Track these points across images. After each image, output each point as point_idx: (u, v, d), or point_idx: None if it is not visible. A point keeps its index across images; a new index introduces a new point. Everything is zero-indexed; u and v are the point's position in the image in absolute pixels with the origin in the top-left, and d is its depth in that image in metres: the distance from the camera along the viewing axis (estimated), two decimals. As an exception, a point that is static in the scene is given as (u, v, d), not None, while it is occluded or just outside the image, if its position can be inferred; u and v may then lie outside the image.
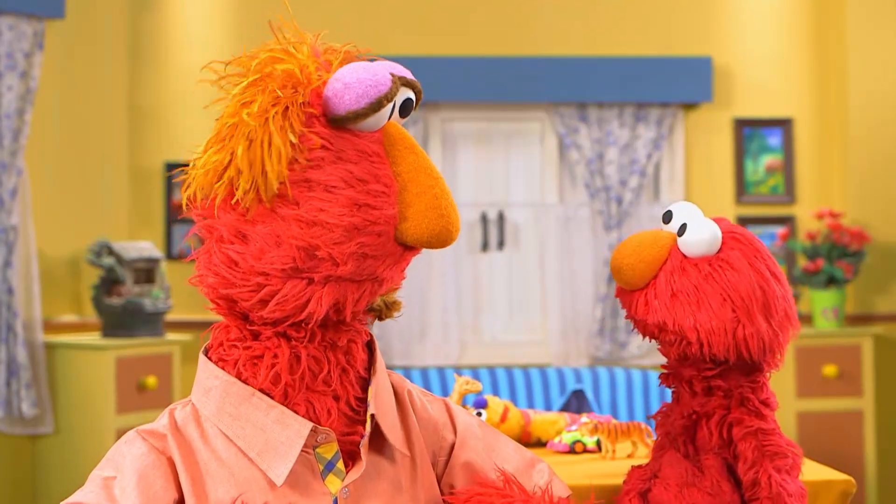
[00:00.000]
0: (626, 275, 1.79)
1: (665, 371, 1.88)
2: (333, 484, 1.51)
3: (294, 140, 1.41)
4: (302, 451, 1.49)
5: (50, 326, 5.36)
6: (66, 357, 5.09)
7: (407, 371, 5.08)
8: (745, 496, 1.76)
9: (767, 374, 1.85)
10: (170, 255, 5.59)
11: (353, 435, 1.54)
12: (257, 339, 1.51)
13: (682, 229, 1.78)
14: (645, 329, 1.82)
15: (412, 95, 1.50)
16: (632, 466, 1.91)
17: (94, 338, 5.20)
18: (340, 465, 1.52)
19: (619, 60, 5.78)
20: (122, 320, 5.10)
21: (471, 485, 1.62)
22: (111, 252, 5.15)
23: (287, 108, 1.42)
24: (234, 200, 1.44)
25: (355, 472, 1.52)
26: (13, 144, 5.06)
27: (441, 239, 1.45)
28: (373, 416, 1.54)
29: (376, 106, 1.43)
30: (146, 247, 5.27)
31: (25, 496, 5.15)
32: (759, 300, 1.74)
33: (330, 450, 1.52)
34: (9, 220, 5.04)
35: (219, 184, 1.44)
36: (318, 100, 1.45)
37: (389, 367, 5.46)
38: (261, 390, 1.50)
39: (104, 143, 5.64)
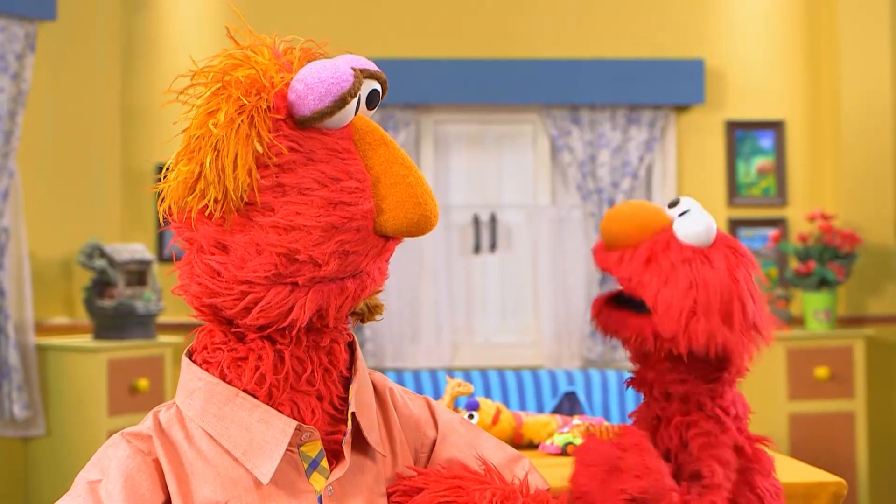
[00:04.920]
0: (614, 232, 1.80)
1: (632, 376, 1.88)
2: (318, 482, 1.52)
3: (261, 149, 1.41)
4: (287, 449, 1.50)
5: (42, 328, 5.35)
6: (58, 359, 5.09)
7: (399, 373, 5.08)
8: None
9: (734, 381, 1.83)
10: (162, 257, 5.58)
11: (336, 434, 1.55)
12: (242, 342, 1.51)
13: (684, 213, 1.79)
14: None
15: (377, 86, 1.50)
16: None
17: (85, 340, 5.20)
18: (325, 463, 1.53)
19: (611, 63, 5.78)
20: (114, 322, 5.10)
21: (451, 468, 1.62)
22: (103, 254, 5.14)
23: (253, 116, 1.42)
24: (207, 212, 1.44)
25: (339, 471, 1.53)
26: (5, 146, 5.06)
27: (420, 227, 1.45)
28: (353, 414, 1.55)
29: (340, 103, 1.43)
30: (138, 249, 5.26)
31: (17, 498, 5.14)
32: (724, 303, 1.73)
33: (314, 448, 1.53)
34: (0, 221, 5.03)
35: (191, 196, 1.44)
36: (283, 103, 1.45)
37: (382, 369, 5.44)
38: (245, 391, 1.50)
39: (96, 144, 5.63)
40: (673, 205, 1.84)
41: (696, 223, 1.77)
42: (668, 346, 1.74)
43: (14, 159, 5.09)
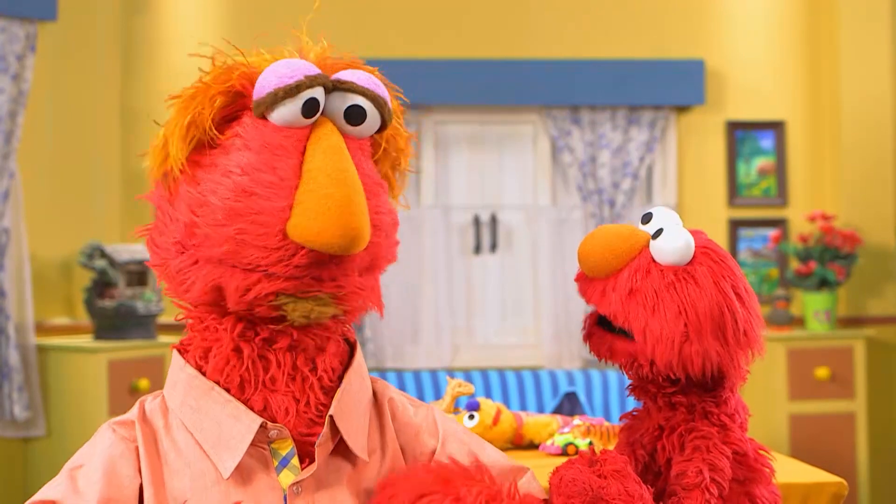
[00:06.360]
0: (591, 261, 1.78)
1: (632, 384, 1.87)
2: (287, 479, 1.53)
3: (187, 121, 1.47)
4: (257, 446, 1.51)
5: (42, 329, 5.35)
6: (59, 359, 5.09)
7: (399, 373, 5.08)
8: (669, 486, 1.75)
9: (736, 387, 1.83)
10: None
11: (313, 436, 1.55)
12: (207, 330, 1.54)
13: (658, 233, 1.77)
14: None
15: (360, 102, 1.50)
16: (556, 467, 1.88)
17: (86, 340, 5.20)
18: (295, 461, 1.53)
19: (612, 63, 5.78)
20: (115, 323, 5.10)
21: (440, 463, 1.61)
22: (103, 254, 5.15)
23: (206, 92, 1.47)
24: (154, 177, 1.54)
25: (307, 471, 1.52)
26: (5, 147, 5.06)
27: (322, 237, 1.40)
28: (331, 417, 1.54)
29: (272, 96, 1.44)
30: (138, 249, 5.26)
31: (17, 499, 5.14)
32: (716, 321, 1.71)
33: (285, 446, 1.53)
34: (1, 222, 5.03)
35: (153, 162, 1.53)
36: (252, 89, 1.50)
37: (382, 370, 5.39)
38: (218, 384, 1.52)
39: (97, 145, 5.63)
40: (646, 220, 1.82)
41: (673, 243, 1.74)
42: (664, 371, 1.73)
43: (14, 160, 5.09)
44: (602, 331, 1.81)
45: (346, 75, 1.50)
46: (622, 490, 1.64)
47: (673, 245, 1.74)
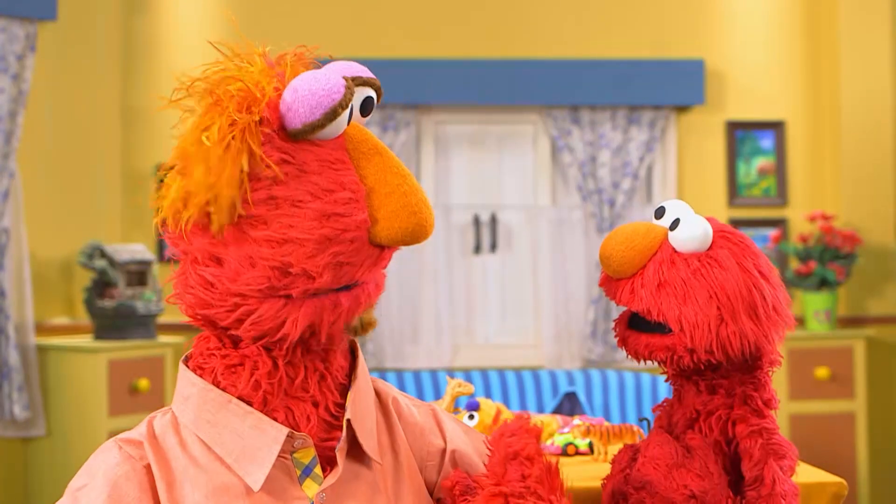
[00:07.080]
0: (615, 262, 1.80)
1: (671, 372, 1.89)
2: (311, 488, 1.51)
3: (246, 168, 1.40)
4: (279, 456, 1.49)
5: (42, 329, 5.35)
6: (59, 359, 5.09)
7: (399, 373, 5.08)
8: (745, 491, 1.77)
9: (770, 371, 1.85)
10: (162, 258, 5.58)
11: (331, 440, 1.54)
12: (236, 348, 1.51)
13: (675, 224, 1.79)
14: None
15: (371, 93, 1.49)
16: (624, 445, 1.92)
17: (86, 340, 5.20)
18: (318, 469, 1.52)
19: (612, 63, 5.78)
20: (115, 323, 5.10)
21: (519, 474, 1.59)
22: (103, 254, 5.14)
23: (244, 131, 1.41)
24: (200, 225, 1.44)
25: (332, 477, 1.51)
26: (5, 147, 5.06)
27: (415, 235, 1.44)
28: (349, 420, 1.54)
29: (331, 115, 1.42)
30: (138, 249, 5.26)
31: (17, 499, 5.14)
32: (746, 300, 1.74)
33: (307, 455, 1.52)
34: (1, 222, 5.03)
35: (185, 210, 1.44)
36: (275, 114, 1.44)
37: (382, 370, 5.38)
38: (239, 397, 1.50)
39: (97, 145, 5.63)
40: (659, 214, 1.84)
41: (692, 231, 1.77)
42: (705, 357, 1.75)
43: (14, 160, 5.09)
44: (636, 332, 1.82)
45: (360, 70, 1.49)
46: (704, 465, 1.73)
47: (692, 233, 1.77)
